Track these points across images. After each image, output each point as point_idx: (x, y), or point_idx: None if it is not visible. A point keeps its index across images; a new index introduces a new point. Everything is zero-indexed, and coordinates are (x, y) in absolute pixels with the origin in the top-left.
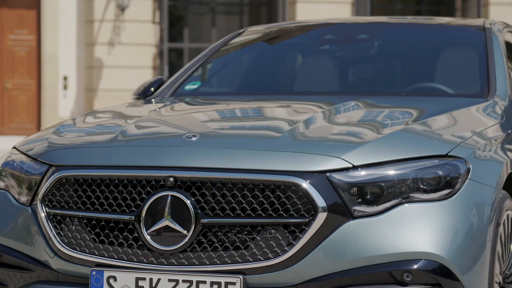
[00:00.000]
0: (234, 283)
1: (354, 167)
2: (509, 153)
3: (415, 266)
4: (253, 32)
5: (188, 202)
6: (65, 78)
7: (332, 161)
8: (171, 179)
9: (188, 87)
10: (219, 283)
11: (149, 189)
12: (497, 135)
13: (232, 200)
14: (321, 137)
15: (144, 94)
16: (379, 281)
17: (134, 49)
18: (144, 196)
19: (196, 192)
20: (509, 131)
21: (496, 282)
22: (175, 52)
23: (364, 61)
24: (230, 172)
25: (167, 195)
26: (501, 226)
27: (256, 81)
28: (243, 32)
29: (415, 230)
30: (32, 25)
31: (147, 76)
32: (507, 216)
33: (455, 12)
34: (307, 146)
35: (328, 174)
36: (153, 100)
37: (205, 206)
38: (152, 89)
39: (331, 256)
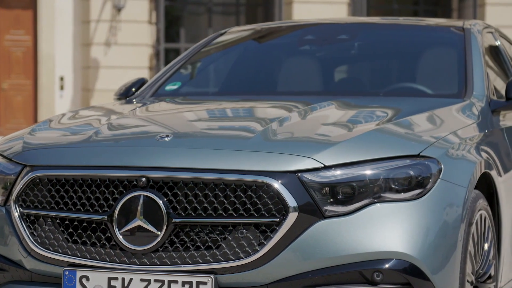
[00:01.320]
0: (205, 283)
1: (326, 167)
2: (483, 154)
3: (386, 266)
4: (235, 32)
5: (160, 202)
6: (61, 79)
7: (303, 161)
8: (144, 179)
9: (169, 87)
10: (190, 283)
11: (121, 189)
12: (472, 136)
13: (204, 200)
14: (293, 137)
15: (126, 95)
16: (350, 280)
17: (130, 49)
18: (116, 196)
19: (168, 192)
20: (486, 131)
21: (468, 281)
22: (172, 52)
23: (344, 62)
24: (202, 172)
25: (140, 195)
26: (474, 225)
27: (236, 81)
28: (225, 32)
29: (386, 230)
30: (29, 26)
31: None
32: (480, 215)
33: (451, 13)
34: (279, 146)
35: (299, 174)
36: (134, 100)
37: (177, 206)
38: (133, 89)
39: (302, 256)
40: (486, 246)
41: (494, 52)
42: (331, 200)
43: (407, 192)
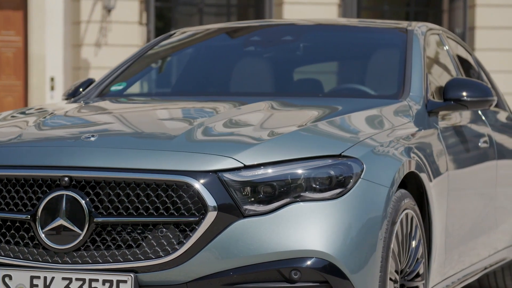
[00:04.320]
0: (125, 281)
1: (246, 167)
2: (412, 154)
3: (303, 264)
4: (184, 33)
5: (82, 202)
6: (52, 79)
7: (223, 161)
8: (66, 178)
9: (114, 88)
10: (111, 281)
11: (45, 189)
12: (401, 136)
13: (125, 199)
14: (216, 137)
15: (73, 95)
16: (268, 279)
17: (121, 50)
18: (40, 195)
19: (91, 192)
20: (419, 132)
21: (391, 279)
22: None
23: (288, 63)
24: (123, 171)
25: (62, 194)
26: (397, 224)
27: (180, 83)
28: (174, 33)
29: (305, 229)
30: (19, 26)
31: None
32: (406, 215)
33: (442, 14)
34: (200, 146)
35: (219, 174)
36: (80, 100)
37: (99, 206)
38: (81, 89)
39: (221, 255)
40: (413, 244)
41: (440, 54)
42: (252, 199)
43: (327, 192)
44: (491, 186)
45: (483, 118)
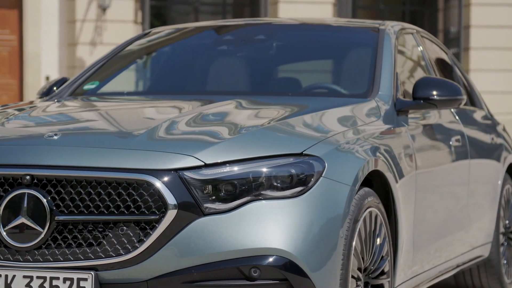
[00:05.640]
0: (86, 279)
1: (207, 165)
2: (378, 153)
3: (263, 262)
4: (158, 33)
5: (44, 200)
6: (47, 78)
7: (184, 160)
8: (28, 177)
9: (87, 86)
10: (71, 279)
11: (7, 187)
12: (367, 134)
13: (86, 197)
14: (178, 136)
15: (47, 93)
16: (228, 276)
17: None
18: (2, 194)
19: (52, 190)
20: (386, 131)
21: (353, 277)
22: None
23: (260, 62)
24: (85, 170)
25: (24, 193)
26: (360, 222)
27: (152, 81)
28: (149, 32)
29: (266, 227)
30: (14, 25)
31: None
32: (370, 213)
33: (437, 13)
34: (161, 145)
35: (180, 172)
36: (54, 99)
37: (60, 204)
38: (54, 88)
39: (181, 253)
40: (378, 242)
41: (413, 53)
42: (213, 197)
43: (288, 190)
44: (464, 184)
45: (457, 117)
